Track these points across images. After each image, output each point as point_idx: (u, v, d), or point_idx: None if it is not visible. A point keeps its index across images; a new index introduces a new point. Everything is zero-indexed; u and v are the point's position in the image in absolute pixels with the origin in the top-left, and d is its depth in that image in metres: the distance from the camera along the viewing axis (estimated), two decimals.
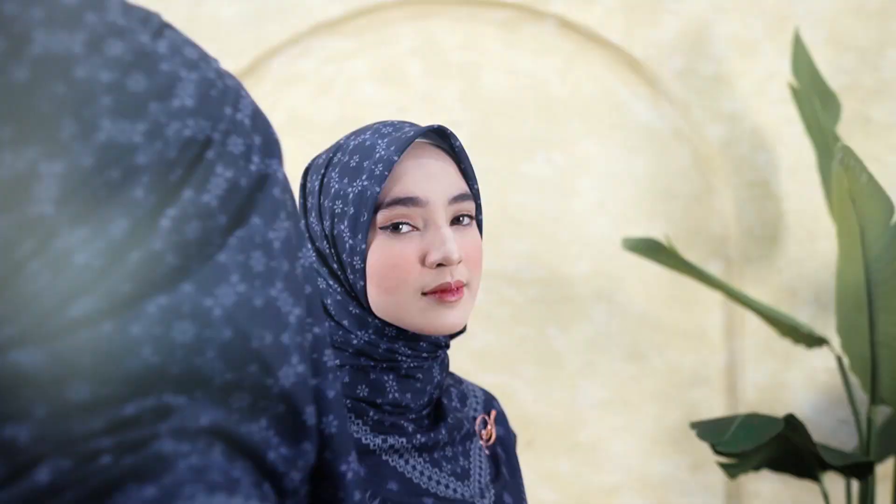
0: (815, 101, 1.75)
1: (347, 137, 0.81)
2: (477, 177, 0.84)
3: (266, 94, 2.12)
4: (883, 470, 1.90)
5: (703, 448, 1.98)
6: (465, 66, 2.11)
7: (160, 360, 0.35)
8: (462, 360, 1.79)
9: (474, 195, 0.80)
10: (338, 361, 0.75)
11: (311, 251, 0.74)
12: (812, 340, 1.69)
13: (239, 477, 0.37)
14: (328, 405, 0.44)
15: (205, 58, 0.42)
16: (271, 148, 0.42)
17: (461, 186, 0.78)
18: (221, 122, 0.40)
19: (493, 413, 0.87)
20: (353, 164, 0.76)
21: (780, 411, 1.86)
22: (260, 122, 0.43)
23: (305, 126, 2.08)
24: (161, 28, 0.40)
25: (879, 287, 1.39)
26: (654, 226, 2.07)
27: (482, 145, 2.07)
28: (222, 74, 0.42)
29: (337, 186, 0.76)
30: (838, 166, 1.34)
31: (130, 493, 0.33)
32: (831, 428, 1.92)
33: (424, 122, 2.08)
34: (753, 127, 2.01)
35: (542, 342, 2.07)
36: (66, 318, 0.34)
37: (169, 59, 0.38)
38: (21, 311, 0.33)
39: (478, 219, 0.82)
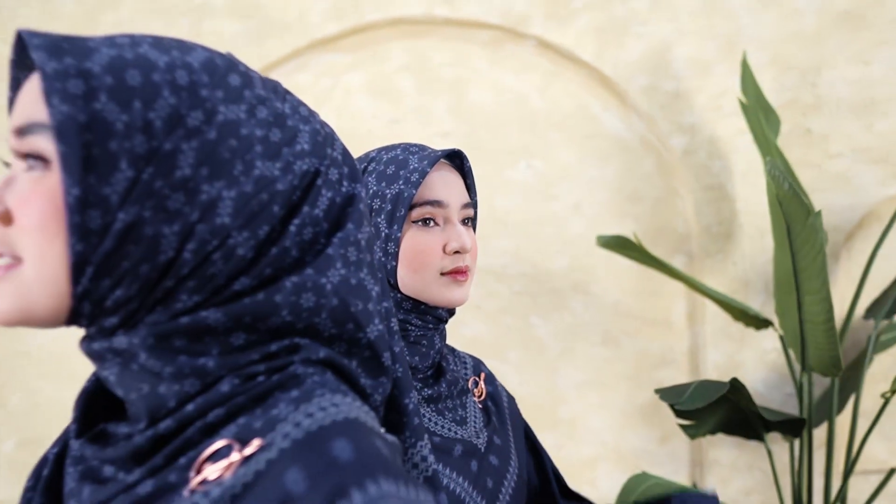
0: (761, 116, 1.96)
1: (378, 152, 0.98)
2: None
3: None
4: (819, 438, 2.12)
5: (671, 422, 2.18)
6: (454, 81, 2.21)
7: (293, 319, 0.52)
8: (456, 346, 1.94)
9: (474, 204, 1.00)
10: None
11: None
12: (759, 323, 1.89)
13: (346, 389, 0.53)
14: (395, 357, 0.60)
15: (312, 113, 0.58)
16: (355, 175, 0.58)
17: (467, 196, 0.98)
18: (326, 159, 0.55)
19: (483, 375, 1.05)
20: (389, 172, 0.94)
21: None
22: (347, 157, 0.58)
23: None
24: (284, 94, 0.56)
25: (803, 273, 1.60)
26: (624, 225, 2.20)
27: (470, 154, 2.18)
28: (323, 124, 0.58)
29: (375, 188, 0.94)
30: (767, 176, 1.55)
31: (279, 396, 0.50)
32: (780, 401, 2.11)
33: (416, 132, 2.23)
34: (710, 137, 2.16)
35: (526, 330, 2.19)
36: (232, 290, 0.50)
37: (291, 116, 0.54)
38: (205, 286, 0.50)
39: (474, 222, 1.02)
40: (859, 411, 1.88)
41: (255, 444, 0.47)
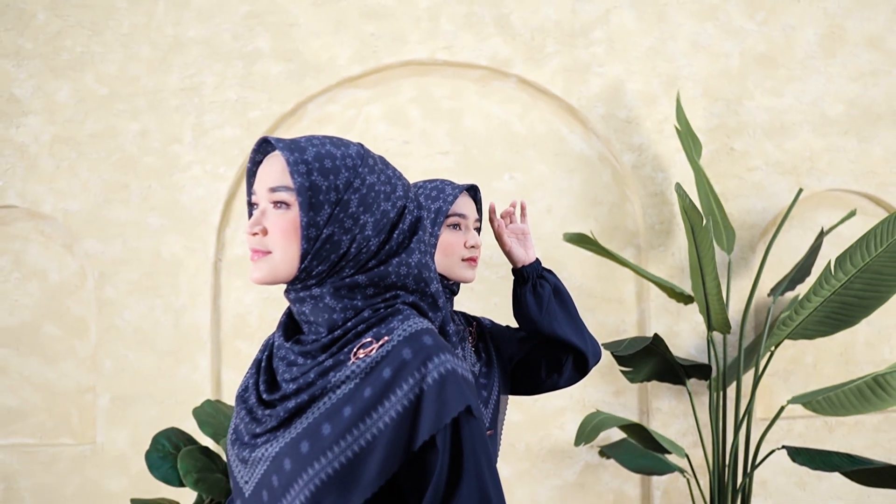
0: (689, 141, 2.51)
1: (424, 182, 1.50)
2: None
3: (303, 131, 2.73)
4: (734, 391, 2.67)
5: (623, 379, 2.73)
6: (451, 110, 2.73)
7: (396, 280, 0.99)
8: None
9: (480, 220, 1.53)
10: None
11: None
12: (686, 299, 2.44)
13: (422, 317, 1.00)
14: (442, 303, 1.06)
15: (401, 174, 1.02)
16: (420, 205, 1.04)
17: (477, 215, 1.52)
18: (407, 198, 1.01)
19: (475, 325, 1.55)
20: (433, 194, 1.46)
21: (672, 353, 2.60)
22: (416, 196, 1.04)
23: None
24: (388, 164, 1.02)
25: (703, 261, 2.15)
26: (586, 224, 2.72)
27: (464, 168, 2.73)
28: (404, 178, 1.04)
29: (423, 203, 1.46)
30: (676, 194, 2.10)
31: (392, 319, 0.96)
32: (707, 361, 2.67)
33: (422, 151, 2.79)
34: (654, 155, 2.68)
35: (508, 307, 2.66)
36: (368, 266, 0.97)
37: (392, 177, 1.00)
38: (357, 264, 0.96)
39: (479, 231, 1.56)
40: (763, 369, 2.44)
41: (384, 339, 0.90)
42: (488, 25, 2.70)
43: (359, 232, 0.93)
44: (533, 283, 1.47)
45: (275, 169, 0.93)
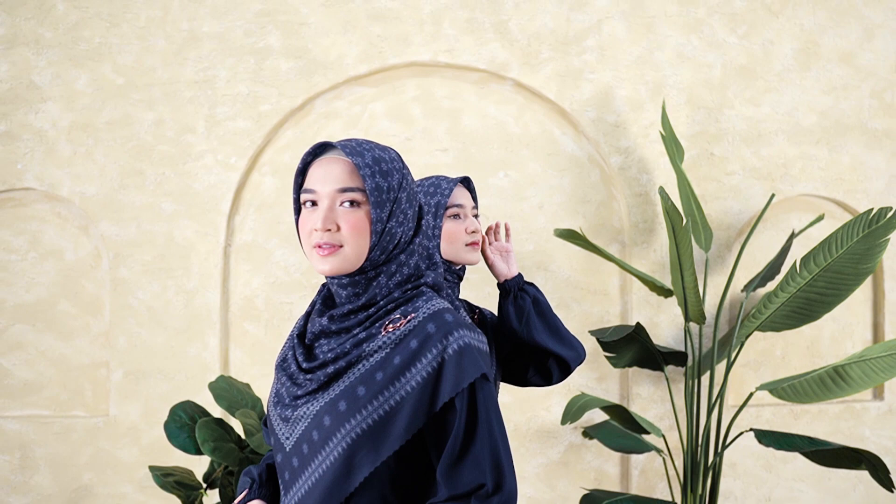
0: (673, 146, 2.70)
1: (421, 180, 1.69)
2: None
3: (311, 125, 2.89)
4: (709, 380, 2.87)
5: (606, 366, 2.92)
6: (451, 110, 2.89)
7: (418, 258, 1.18)
8: None
9: (476, 208, 1.71)
10: None
11: None
12: (665, 292, 2.65)
13: (440, 296, 1.21)
14: (442, 272, 1.28)
15: (414, 180, 1.24)
16: (419, 199, 1.25)
17: (473, 203, 1.70)
18: (417, 192, 1.23)
19: (477, 311, 1.71)
20: (431, 190, 1.64)
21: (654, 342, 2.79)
22: (417, 188, 1.27)
23: None
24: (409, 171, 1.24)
25: (682, 257, 2.35)
26: (575, 220, 2.89)
27: (462, 165, 2.90)
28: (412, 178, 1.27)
29: (423, 199, 1.65)
30: (660, 197, 2.29)
31: (417, 299, 1.14)
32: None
33: (423, 148, 2.97)
34: (639, 157, 2.87)
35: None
36: (403, 247, 1.16)
37: (412, 180, 1.22)
38: (402, 247, 1.15)
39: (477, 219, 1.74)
40: (735, 359, 2.65)
41: (411, 316, 1.07)
42: (488, 31, 2.87)
43: (406, 223, 1.11)
44: (514, 295, 1.62)
45: (341, 171, 1.08)
